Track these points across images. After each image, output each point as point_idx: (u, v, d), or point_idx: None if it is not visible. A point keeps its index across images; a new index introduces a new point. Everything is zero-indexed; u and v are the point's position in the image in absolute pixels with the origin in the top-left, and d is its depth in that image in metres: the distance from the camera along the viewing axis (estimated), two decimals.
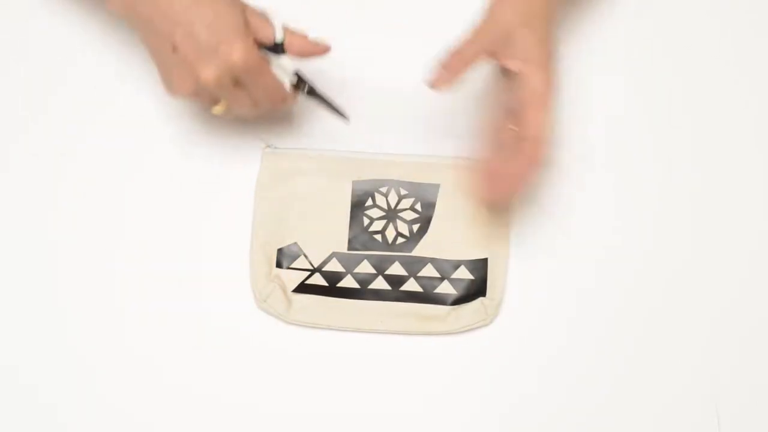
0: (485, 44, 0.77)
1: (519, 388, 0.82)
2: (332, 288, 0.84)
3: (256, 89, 0.78)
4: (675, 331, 0.84)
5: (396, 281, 0.84)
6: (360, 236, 0.84)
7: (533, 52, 0.76)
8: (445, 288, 0.84)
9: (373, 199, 0.86)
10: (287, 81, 0.80)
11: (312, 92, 0.82)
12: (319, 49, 0.80)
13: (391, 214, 0.85)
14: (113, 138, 0.87)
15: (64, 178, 0.86)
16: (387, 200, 0.86)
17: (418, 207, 0.85)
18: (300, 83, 0.81)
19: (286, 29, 0.79)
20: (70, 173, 0.86)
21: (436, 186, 0.85)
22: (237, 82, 0.77)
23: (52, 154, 0.86)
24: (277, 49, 0.79)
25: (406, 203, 0.85)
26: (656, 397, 0.83)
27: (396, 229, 0.85)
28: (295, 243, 0.85)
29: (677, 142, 0.88)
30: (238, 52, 0.75)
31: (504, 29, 0.77)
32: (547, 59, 0.77)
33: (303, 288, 0.84)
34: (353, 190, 0.85)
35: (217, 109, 0.79)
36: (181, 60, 0.76)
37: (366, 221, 0.85)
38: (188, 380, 0.82)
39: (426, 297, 0.83)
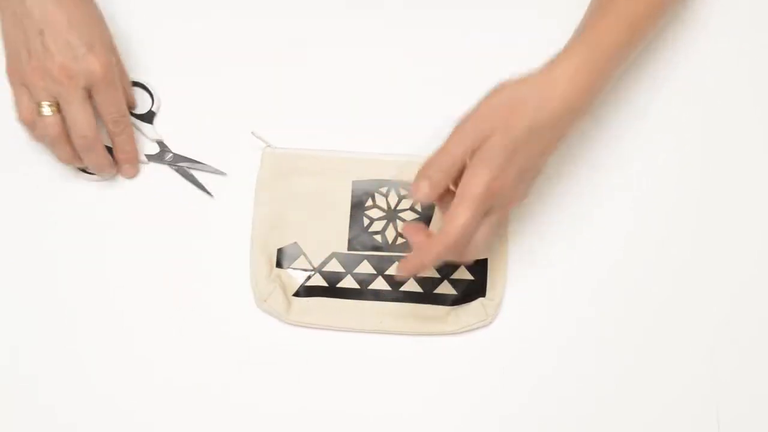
0: (467, 147, 0.73)
1: (519, 388, 0.82)
2: (332, 288, 0.84)
3: (103, 98, 0.81)
4: (675, 331, 0.84)
5: (396, 281, 0.84)
6: (360, 236, 0.84)
7: (494, 154, 0.72)
8: (445, 288, 0.84)
9: (373, 200, 0.85)
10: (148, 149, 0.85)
11: (178, 161, 0.85)
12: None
13: (391, 215, 0.85)
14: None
15: (65, 176, 0.86)
16: (387, 200, 0.86)
17: (418, 207, 0.85)
18: (163, 153, 0.85)
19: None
20: (71, 173, 0.86)
21: None
22: (84, 89, 0.80)
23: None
24: (145, 117, 0.84)
25: (406, 204, 0.85)
26: (656, 398, 0.83)
27: (396, 229, 0.85)
28: (295, 243, 0.85)
29: (679, 143, 0.88)
30: (110, 60, 0.80)
31: (484, 133, 0.73)
32: (510, 166, 0.72)
33: (303, 290, 0.84)
34: (353, 191, 0.85)
35: (46, 110, 0.80)
36: (43, 50, 0.78)
37: (366, 221, 0.85)
38: (188, 379, 0.82)
39: (426, 297, 0.83)
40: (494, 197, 0.73)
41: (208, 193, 0.85)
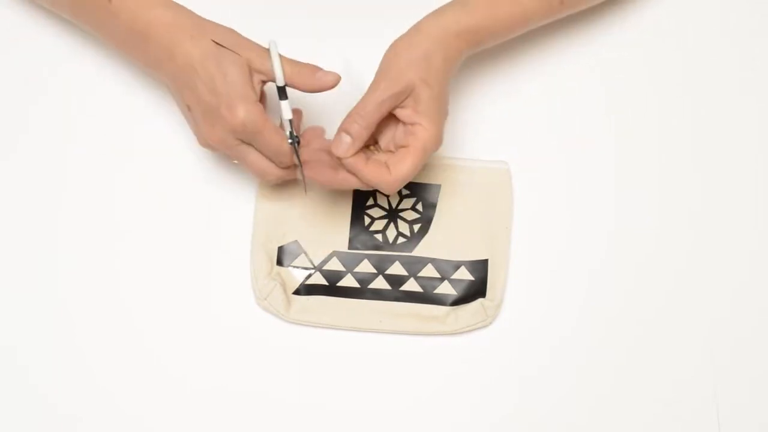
0: (389, 103, 0.77)
1: (518, 389, 0.83)
2: (332, 287, 0.84)
3: (260, 147, 0.78)
4: (675, 331, 0.84)
5: (396, 281, 0.84)
6: (361, 235, 0.84)
7: (430, 108, 0.77)
8: (445, 288, 0.84)
9: (374, 199, 0.85)
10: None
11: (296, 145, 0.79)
12: (327, 83, 0.79)
13: (392, 214, 0.85)
14: (117, 139, 0.87)
15: (68, 176, 0.86)
16: (388, 200, 0.85)
17: (419, 207, 0.85)
18: (291, 136, 0.79)
19: (293, 64, 0.78)
20: (74, 172, 0.86)
21: (438, 186, 0.85)
22: (242, 141, 0.78)
23: (55, 153, 0.86)
24: (281, 93, 0.78)
25: (407, 203, 0.85)
26: (656, 398, 0.83)
27: (397, 228, 0.85)
28: (296, 241, 0.85)
29: (679, 143, 0.88)
30: (238, 115, 0.76)
31: (406, 85, 0.76)
32: (441, 116, 0.78)
33: (303, 289, 0.84)
34: (354, 189, 0.85)
35: (236, 162, 0.81)
36: (194, 120, 0.79)
37: (367, 220, 0.85)
38: (188, 376, 0.82)
39: (426, 297, 0.83)
40: (436, 145, 0.78)
41: (305, 190, 0.82)
